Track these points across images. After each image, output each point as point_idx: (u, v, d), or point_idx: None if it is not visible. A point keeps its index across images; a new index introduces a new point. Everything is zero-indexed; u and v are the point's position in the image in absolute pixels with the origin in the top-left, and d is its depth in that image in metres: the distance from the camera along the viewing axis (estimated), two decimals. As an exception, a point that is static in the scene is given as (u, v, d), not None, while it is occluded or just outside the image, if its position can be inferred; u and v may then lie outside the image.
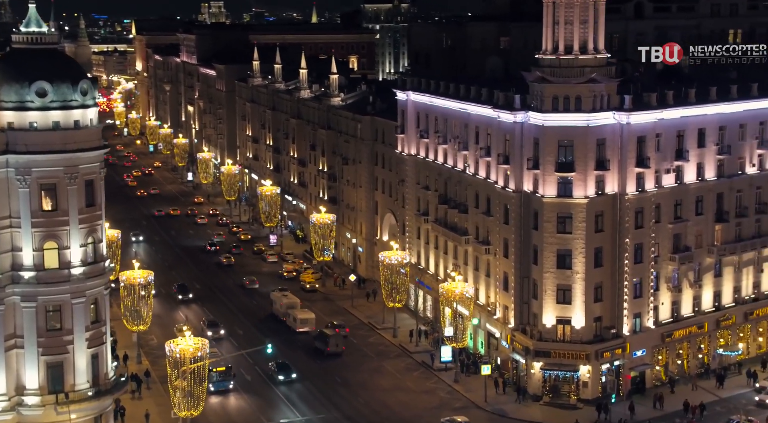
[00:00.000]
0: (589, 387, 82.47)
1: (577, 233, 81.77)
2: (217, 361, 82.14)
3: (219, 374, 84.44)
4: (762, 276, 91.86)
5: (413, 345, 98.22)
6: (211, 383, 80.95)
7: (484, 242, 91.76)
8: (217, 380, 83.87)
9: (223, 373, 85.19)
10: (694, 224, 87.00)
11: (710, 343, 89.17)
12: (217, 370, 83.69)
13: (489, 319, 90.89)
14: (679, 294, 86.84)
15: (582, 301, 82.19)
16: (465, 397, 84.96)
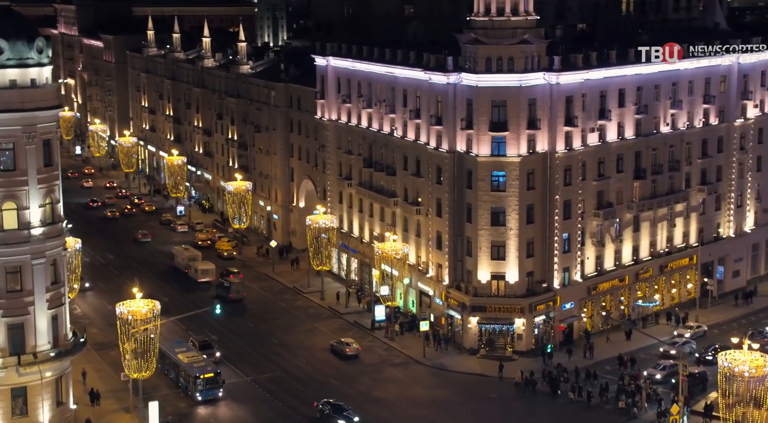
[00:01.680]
0: (524, 339, 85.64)
1: (511, 191, 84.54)
2: (203, 367, 76.73)
3: (206, 381, 75.64)
4: (674, 230, 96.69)
5: (343, 306, 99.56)
6: (198, 392, 75.23)
7: (414, 203, 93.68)
8: (204, 388, 75.50)
9: (210, 381, 75.91)
10: (616, 181, 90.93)
11: (630, 295, 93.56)
12: (203, 378, 75.56)
13: (421, 278, 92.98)
14: (603, 249, 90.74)
15: (516, 256, 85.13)
16: (403, 354, 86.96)
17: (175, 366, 78.73)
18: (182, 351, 79.50)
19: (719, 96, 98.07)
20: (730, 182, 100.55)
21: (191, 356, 78.53)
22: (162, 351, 77.06)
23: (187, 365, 76.93)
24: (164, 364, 79.45)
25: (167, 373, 79.72)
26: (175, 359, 78.43)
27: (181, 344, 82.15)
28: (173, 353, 79.18)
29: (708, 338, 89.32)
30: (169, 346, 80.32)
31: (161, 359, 77.66)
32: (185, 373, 76.90)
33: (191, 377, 75.59)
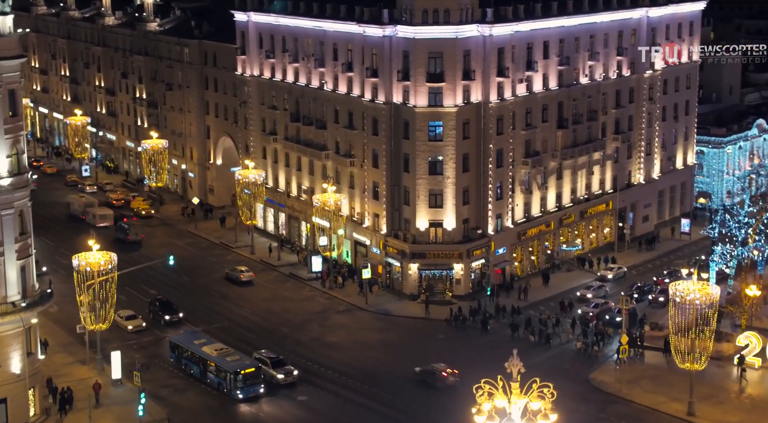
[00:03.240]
0: (462, 284, 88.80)
1: (448, 141, 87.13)
2: (240, 361, 69.24)
3: (246, 377, 68.13)
4: (592, 178, 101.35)
5: (275, 260, 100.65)
6: (238, 390, 67.67)
7: (347, 155, 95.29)
8: (245, 385, 67.89)
9: (251, 376, 68.40)
10: (541, 131, 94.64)
11: (555, 240, 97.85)
12: (244, 373, 68.09)
13: (356, 228, 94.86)
14: (530, 196, 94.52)
15: (453, 204, 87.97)
16: (345, 302, 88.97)
17: (200, 361, 70.71)
18: (203, 343, 72.07)
19: (630, 48, 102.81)
20: (640, 131, 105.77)
21: (220, 349, 70.82)
22: (177, 345, 72.81)
23: (220, 360, 69.17)
24: (181, 358, 72.67)
25: (185, 369, 72.25)
26: (201, 353, 70.54)
27: (197, 335, 74.73)
28: (194, 347, 71.60)
29: (628, 278, 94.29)
30: (183, 338, 73.83)
31: (175, 353, 72.99)
32: (219, 369, 68.92)
33: (229, 373, 67.76)
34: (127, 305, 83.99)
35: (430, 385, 69.48)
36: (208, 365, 69.96)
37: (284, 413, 67.30)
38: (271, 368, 71.00)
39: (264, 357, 72.21)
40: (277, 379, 70.61)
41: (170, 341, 74.43)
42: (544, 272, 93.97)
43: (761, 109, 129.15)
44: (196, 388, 71.10)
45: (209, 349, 70.81)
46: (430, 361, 73.05)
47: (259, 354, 72.54)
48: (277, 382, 70.32)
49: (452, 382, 68.79)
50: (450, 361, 72.06)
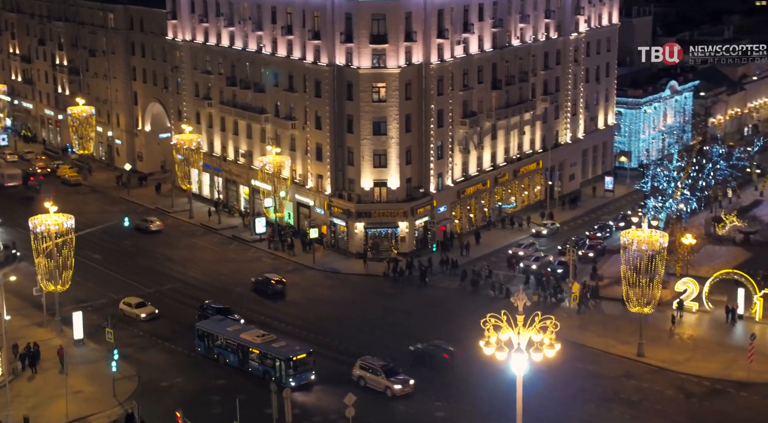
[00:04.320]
0: (407, 241, 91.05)
1: (391, 101, 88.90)
2: (290, 347, 64.61)
3: (297, 364, 63.48)
4: (524, 138, 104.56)
5: (216, 223, 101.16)
6: (291, 378, 62.95)
7: (288, 118, 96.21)
8: (296, 373, 63.31)
9: (302, 362, 63.76)
10: (477, 92, 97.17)
11: (491, 198, 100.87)
12: (296, 359, 63.49)
13: (299, 190, 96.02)
14: (468, 155, 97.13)
15: (397, 164, 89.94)
16: (293, 261, 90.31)
17: (238, 349, 66.29)
18: (238, 329, 67.90)
19: (557, 11, 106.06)
20: (566, 92, 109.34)
21: (262, 335, 66.38)
22: (208, 332, 68.30)
23: (266, 346, 64.83)
24: (212, 347, 68.06)
25: (218, 358, 67.46)
26: (241, 341, 66.21)
27: (227, 322, 70.16)
28: (230, 334, 67.22)
29: (560, 234, 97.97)
30: (214, 326, 69.02)
31: (205, 342, 68.54)
32: (265, 357, 64.60)
33: (280, 361, 63.44)
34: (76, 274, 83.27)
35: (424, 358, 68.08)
36: (249, 353, 65.24)
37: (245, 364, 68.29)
38: (384, 377, 62.60)
39: (370, 364, 63.88)
40: (393, 390, 61.94)
41: (198, 329, 68.98)
42: (475, 231, 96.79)
43: (670, 72, 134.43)
44: (159, 346, 71.82)
45: (250, 336, 66.03)
46: (387, 315, 75.34)
47: (364, 361, 64.27)
48: (392, 394, 61.78)
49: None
50: (410, 315, 74.42)
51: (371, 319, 76.81)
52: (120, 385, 63.95)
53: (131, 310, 76.64)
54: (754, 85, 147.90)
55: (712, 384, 65.25)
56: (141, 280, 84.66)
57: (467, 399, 61.80)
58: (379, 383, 62.56)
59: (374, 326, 75.18)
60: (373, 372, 63.24)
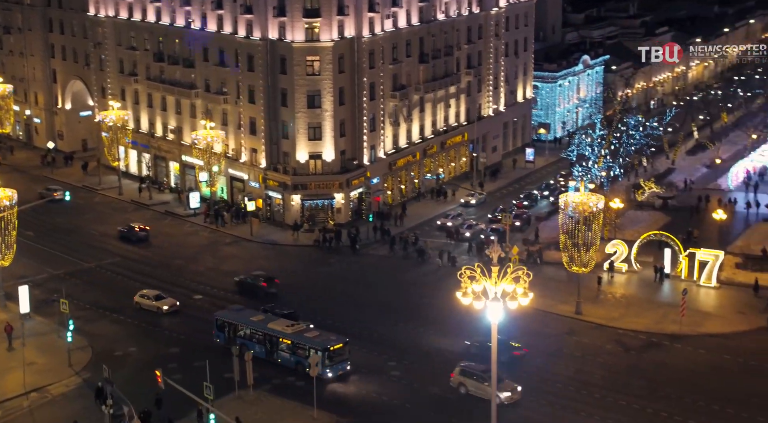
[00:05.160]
0: (342, 212, 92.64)
1: (325, 75, 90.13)
2: (325, 337, 61.92)
3: (334, 354, 60.93)
4: (450, 111, 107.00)
5: (147, 199, 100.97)
6: (328, 368, 60.58)
7: (219, 92, 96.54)
8: (334, 363, 61.01)
9: (339, 352, 61.27)
10: (406, 65, 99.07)
11: (420, 170, 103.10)
12: (333, 349, 60.89)
13: (232, 164, 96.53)
14: (398, 128, 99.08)
15: (331, 136, 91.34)
16: (230, 234, 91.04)
17: (266, 340, 63.45)
18: (263, 319, 64.83)
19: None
20: (488, 66, 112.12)
21: (291, 325, 63.57)
22: (229, 323, 65.08)
23: (299, 336, 62.08)
24: (233, 338, 64.39)
25: (240, 349, 61.26)
26: (269, 331, 63.31)
27: (249, 311, 67.03)
28: (256, 324, 64.29)
29: (488, 204, 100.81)
30: (236, 316, 65.86)
31: (226, 333, 65.23)
32: (297, 347, 61.96)
33: (316, 351, 60.43)
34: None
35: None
36: (279, 343, 62.58)
37: (191, 329, 69.55)
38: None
39: (472, 370, 59.39)
40: (500, 399, 56.14)
41: (217, 320, 65.69)
42: (402, 202, 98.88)
43: (580, 47, 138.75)
44: (108, 318, 72.06)
45: (279, 326, 63.20)
46: (329, 283, 77.23)
47: (464, 367, 59.99)
48: (500, 403, 55.32)
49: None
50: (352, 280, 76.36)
51: (313, 287, 78.13)
52: (73, 355, 64.09)
53: (150, 302, 72.19)
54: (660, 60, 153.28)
55: (647, 337, 68.78)
56: (79, 255, 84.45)
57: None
58: (484, 391, 56.91)
59: (319, 294, 76.53)
60: (477, 378, 58.82)
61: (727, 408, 58.28)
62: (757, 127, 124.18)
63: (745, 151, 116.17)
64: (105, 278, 79.36)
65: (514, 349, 64.08)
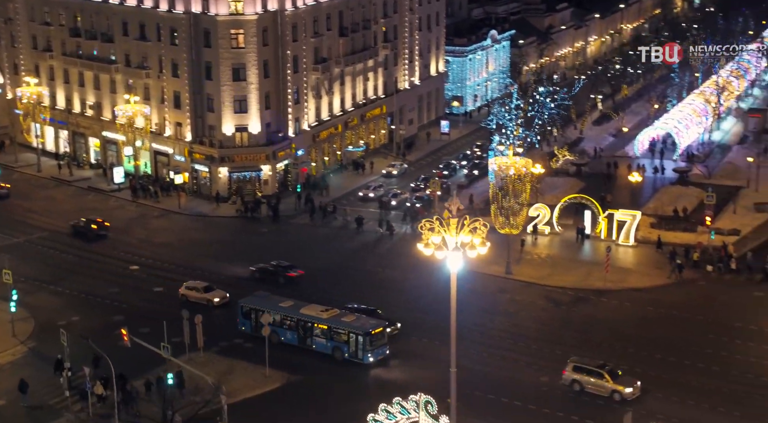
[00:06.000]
0: (269, 184, 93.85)
1: (250, 47, 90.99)
2: (364, 321, 60.43)
3: (374, 338, 59.50)
4: (368, 84, 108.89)
5: (68, 175, 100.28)
6: (369, 353, 59.23)
7: (141, 67, 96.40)
8: (374, 347, 59.51)
9: (380, 336, 59.95)
10: (327, 38, 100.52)
11: (342, 142, 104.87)
12: (375, 333, 59.58)
13: (156, 138, 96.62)
14: (320, 100, 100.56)
15: (257, 109, 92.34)
16: (157, 208, 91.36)
17: (298, 325, 61.73)
18: (292, 305, 62.99)
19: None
20: (404, 40, 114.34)
21: (325, 310, 61.80)
22: (256, 310, 62.84)
23: (336, 321, 60.52)
24: (262, 325, 60.66)
25: (271, 336, 60.03)
26: (302, 317, 61.60)
27: (275, 297, 65.18)
28: (287, 310, 62.43)
29: (409, 174, 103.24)
30: (263, 303, 63.74)
31: (251, 320, 63.13)
32: (334, 333, 60.42)
33: (357, 336, 59.27)
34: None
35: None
36: (313, 329, 60.98)
37: (133, 298, 70.29)
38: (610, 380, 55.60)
39: (586, 365, 56.63)
40: (623, 394, 55.14)
41: (243, 307, 63.70)
42: (322, 174, 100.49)
43: (486, 23, 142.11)
44: (45, 290, 72.03)
45: (313, 311, 61.58)
46: (262, 252, 78.58)
47: (576, 362, 57.24)
48: (622, 399, 54.83)
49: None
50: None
51: (250, 256, 79.29)
52: (16, 326, 64.14)
53: (199, 295, 68.23)
54: (560, 36, 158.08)
55: (575, 293, 72.26)
56: (5, 230, 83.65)
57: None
58: (603, 387, 55.67)
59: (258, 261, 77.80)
60: (592, 374, 56.24)
61: (654, 354, 61.91)
62: (657, 98, 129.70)
63: (648, 120, 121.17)
64: (37, 252, 79.08)
65: (290, 271, 71.97)
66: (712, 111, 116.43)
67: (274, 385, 57.58)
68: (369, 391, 55.55)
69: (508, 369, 60.12)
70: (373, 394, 51.77)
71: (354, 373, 59.15)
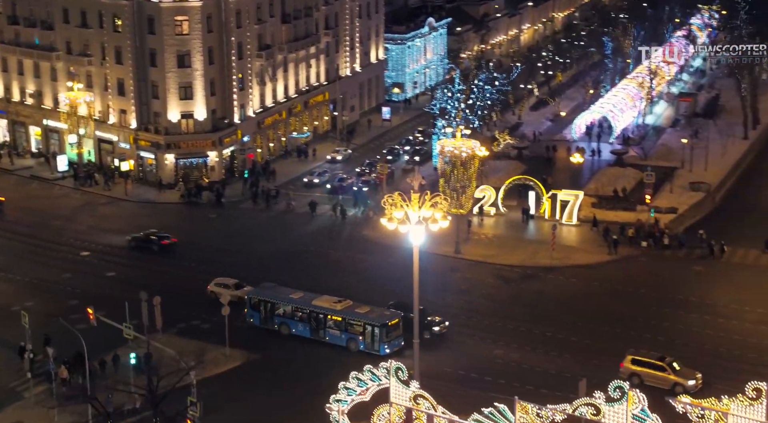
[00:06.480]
0: (216, 170, 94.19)
1: (194, 34, 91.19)
2: (380, 313, 59.91)
3: (390, 330, 59.05)
4: (311, 70, 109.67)
5: (9, 164, 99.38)
6: (385, 344, 58.59)
7: (83, 54, 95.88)
8: (390, 339, 58.95)
9: (395, 327, 59.43)
10: (270, 25, 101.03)
11: (286, 128, 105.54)
12: (391, 324, 59.30)
13: (99, 126, 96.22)
14: (264, 87, 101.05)
15: (203, 96, 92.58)
16: (104, 195, 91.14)
17: (310, 317, 61.01)
18: (303, 296, 62.26)
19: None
20: (344, 27, 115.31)
21: (338, 301, 61.06)
22: (266, 302, 62.26)
23: (350, 313, 59.74)
24: (270, 318, 62.03)
25: (279, 328, 61.80)
26: (315, 308, 60.90)
27: (283, 289, 64.22)
28: (298, 302, 61.79)
29: (353, 159, 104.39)
30: (272, 294, 63.05)
31: (261, 312, 62.51)
32: (349, 324, 59.57)
33: (373, 327, 58.78)
34: None
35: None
36: (326, 321, 60.24)
37: (86, 284, 70.12)
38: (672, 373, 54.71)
39: (645, 358, 55.64)
40: (686, 387, 53.56)
41: (251, 299, 62.67)
42: (266, 162, 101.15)
43: (423, 11, 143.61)
44: (4, 274, 71.67)
45: (326, 303, 60.89)
46: (212, 234, 79.22)
47: (634, 353, 56.03)
48: (684, 391, 51.73)
49: None
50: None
51: (203, 241, 79.79)
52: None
53: (231, 292, 65.14)
54: (495, 24, 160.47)
55: (523, 270, 74.23)
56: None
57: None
58: (665, 380, 54.66)
59: (211, 246, 78.33)
60: (654, 367, 55.30)
61: (601, 326, 64.04)
62: (592, 84, 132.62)
63: (583, 105, 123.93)
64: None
65: (163, 238, 76.33)
66: (645, 95, 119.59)
67: (235, 363, 58.29)
68: (333, 366, 56.55)
69: (464, 343, 61.64)
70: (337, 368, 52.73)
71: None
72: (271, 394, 54.78)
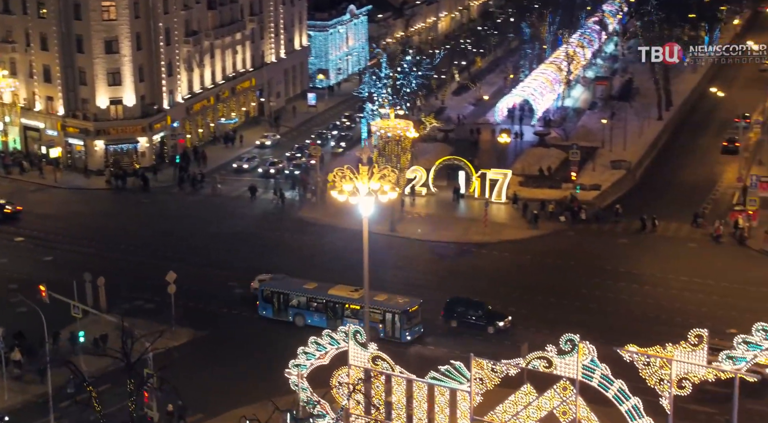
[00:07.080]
0: (146, 156, 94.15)
1: (122, 20, 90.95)
2: (397, 300, 59.66)
3: (411, 316, 59.10)
4: (237, 57, 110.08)
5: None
6: (407, 331, 58.75)
7: (6, 41, 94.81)
8: (410, 326, 59.06)
9: (416, 314, 59.46)
10: (197, 11, 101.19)
11: (214, 114, 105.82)
12: (412, 311, 59.10)
13: (25, 113, 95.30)
14: (192, 73, 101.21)
15: (131, 81, 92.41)
16: (33, 183, 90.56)
17: (326, 308, 60.62)
18: (316, 287, 61.79)
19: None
20: (269, 14, 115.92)
21: (354, 290, 60.37)
22: (279, 293, 61.70)
23: (370, 301, 55.63)
24: (284, 309, 61.64)
25: (294, 320, 61.23)
26: (331, 298, 60.60)
27: (294, 280, 63.69)
28: (313, 292, 61.25)
29: (282, 144, 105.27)
30: (285, 285, 62.39)
31: (273, 304, 61.89)
32: (373, 313, 57.75)
33: (393, 315, 58.72)
34: None
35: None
36: (344, 310, 59.97)
37: (26, 268, 69.94)
38: None
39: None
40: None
41: (263, 291, 62.03)
42: (195, 147, 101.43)
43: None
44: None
45: (343, 292, 60.71)
46: (144, 219, 79.57)
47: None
48: None
49: None
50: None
51: (138, 227, 79.94)
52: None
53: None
54: (414, 11, 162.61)
55: (457, 246, 76.38)
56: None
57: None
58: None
59: (145, 230, 78.57)
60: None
61: (536, 296, 66.43)
62: (512, 69, 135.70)
63: (504, 89, 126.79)
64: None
65: (6, 207, 77.61)
66: (563, 79, 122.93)
67: (181, 340, 59.00)
68: (280, 338, 57.64)
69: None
70: (288, 340, 53.81)
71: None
72: (225, 364, 55.71)
